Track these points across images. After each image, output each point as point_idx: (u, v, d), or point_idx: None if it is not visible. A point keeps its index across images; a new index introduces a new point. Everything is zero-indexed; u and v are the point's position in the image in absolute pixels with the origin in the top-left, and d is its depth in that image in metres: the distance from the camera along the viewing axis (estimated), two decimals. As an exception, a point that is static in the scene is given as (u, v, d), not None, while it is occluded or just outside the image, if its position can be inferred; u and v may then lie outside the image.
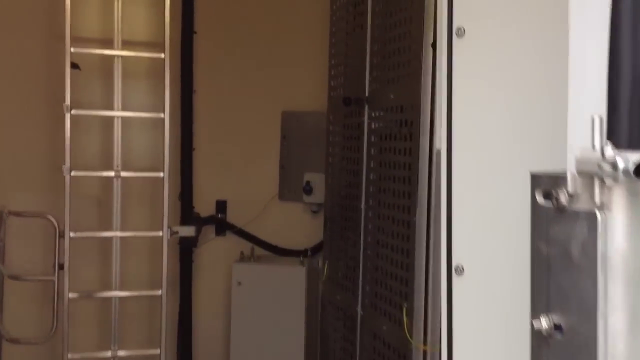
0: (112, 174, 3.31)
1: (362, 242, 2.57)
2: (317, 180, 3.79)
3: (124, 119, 3.38)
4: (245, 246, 3.86)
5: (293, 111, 3.86)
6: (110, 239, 3.39)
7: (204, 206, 3.86)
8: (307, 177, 3.83)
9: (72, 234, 3.21)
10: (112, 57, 3.35)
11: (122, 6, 3.34)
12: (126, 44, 3.43)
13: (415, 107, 2.16)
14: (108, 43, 3.43)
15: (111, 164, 3.40)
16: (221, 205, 3.91)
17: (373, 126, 2.53)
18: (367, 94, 2.57)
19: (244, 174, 3.88)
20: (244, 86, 3.80)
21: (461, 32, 1.28)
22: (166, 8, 3.26)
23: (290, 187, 3.92)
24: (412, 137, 2.18)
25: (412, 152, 2.17)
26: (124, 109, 3.38)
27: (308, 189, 3.83)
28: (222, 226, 3.91)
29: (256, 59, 3.79)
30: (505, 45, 1.30)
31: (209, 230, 3.90)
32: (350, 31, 2.81)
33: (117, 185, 3.39)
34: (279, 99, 3.84)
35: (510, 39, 1.30)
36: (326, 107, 3.55)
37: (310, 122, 3.83)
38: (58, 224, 3.27)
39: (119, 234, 3.34)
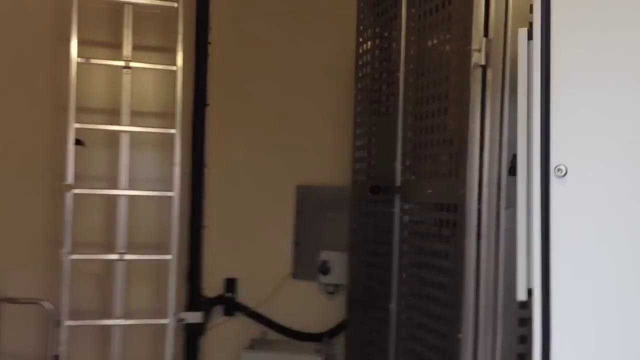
0: (115, 256, 3.07)
1: (393, 349, 2.30)
2: (334, 259, 3.55)
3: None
4: (256, 329, 3.59)
5: (309, 185, 3.63)
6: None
7: (212, 284, 3.60)
8: (324, 255, 3.58)
9: (69, 323, 2.96)
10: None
11: (132, 77, 3.16)
12: (135, 115, 3.24)
13: (459, 207, 1.93)
14: (116, 113, 3.24)
15: (115, 241, 3.18)
16: (231, 284, 3.65)
17: (405, 220, 2.30)
18: (398, 184, 2.35)
19: (255, 250, 3.64)
20: (258, 159, 3.59)
21: (561, 172, 1.05)
22: (177, 81, 3.08)
23: (305, 266, 3.66)
24: (456, 240, 1.94)
25: (456, 259, 1.93)
26: (131, 181, 3.17)
27: (325, 269, 3.58)
28: (231, 306, 3.64)
29: (270, 131, 3.59)
30: (625, 188, 1.06)
31: (217, 310, 3.64)
32: (376, 112, 2.60)
33: (120, 268, 3.15)
34: (294, 172, 3.62)
35: (628, 181, 1.06)
36: (345, 181, 3.33)
37: (328, 197, 3.60)
38: (54, 311, 3.02)
39: (120, 322, 3.09)
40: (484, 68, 1.89)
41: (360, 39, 2.76)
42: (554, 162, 1.05)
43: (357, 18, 2.79)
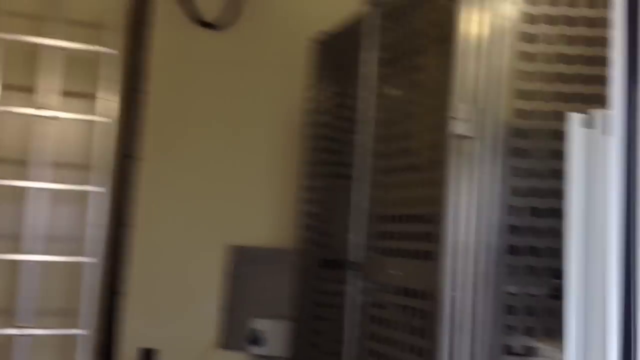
0: (15, 331, 2.64)
1: None
2: (268, 328, 3.22)
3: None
4: (177, 408, 3.20)
5: (242, 246, 3.32)
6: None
7: (129, 357, 3.19)
8: (257, 324, 3.25)
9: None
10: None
11: (46, 123, 2.78)
12: (50, 165, 2.85)
13: (434, 296, 1.68)
14: (26, 163, 2.84)
15: (17, 307, 2.74)
16: (149, 356, 3.25)
17: (363, 301, 2.03)
18: (354, 259, 2.09)
19: (178, 317, 3.26)
20: (187, 216, 3.25)
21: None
22: (107, 133, 2.74)
23: (235, 334, 3.32)
24: (430, 334, 1.68)
25: (430, 356, 1.67)
26: (40, 239, 2.76)
27: (257, 339, 3.24)
28: (149, 381, 3.24)
29: (203, 187, 3.26)
30: None
31: (132, 386, 3.22)
32: (332, 176, 2.35)
33: (21, 342, 2.71)
34: (225, 231, 3.30)
35: None
36: (283, 243, 3.07)
37: (263, 259, 3.30)
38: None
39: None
40: (469, 139, 1.68)
41: (313, 94, 2.52)
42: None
43: (311, 71, 2.55)
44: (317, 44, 2.56)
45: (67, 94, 2.85)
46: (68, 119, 2.80)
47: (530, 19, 1.71)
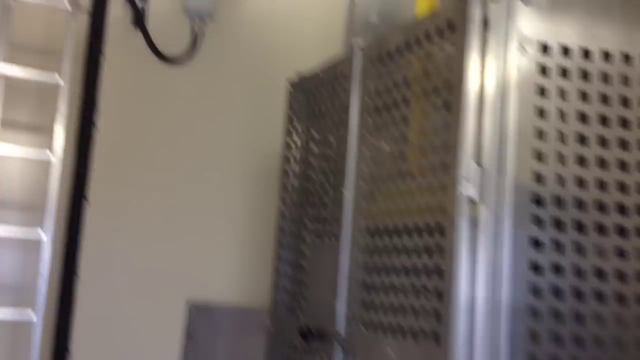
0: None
1: None
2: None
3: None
4: None
5: (203, 303, 3.04)
6: None
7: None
8: (218, 390, 2.97)
9: None
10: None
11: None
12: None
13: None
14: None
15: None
16: None
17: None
18: (341, 332, 1.85)
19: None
20: (141, 269, 2.95)
21: None
22: (53, 174, 2.46)
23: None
24: None
25: None
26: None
27: (218, 408, 2.95)
28: None
29: (158, 235, 2.97)
30: None
31: None
32: (313, 234, 2.12)
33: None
34: (186, 286, 3.01)
35: None
36: (254, 303, 2.81)
37: (228, 320, 3.01)
38: None
39: None
40: (475, 203, 1.48)
41: (289, 140, 2.30)
42: None
43: (286, 114, 2.34)
44: (292, 85, 2.36)
45: (8, 125, 2.57)
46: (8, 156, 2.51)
47: (546, 70, 1.55)
